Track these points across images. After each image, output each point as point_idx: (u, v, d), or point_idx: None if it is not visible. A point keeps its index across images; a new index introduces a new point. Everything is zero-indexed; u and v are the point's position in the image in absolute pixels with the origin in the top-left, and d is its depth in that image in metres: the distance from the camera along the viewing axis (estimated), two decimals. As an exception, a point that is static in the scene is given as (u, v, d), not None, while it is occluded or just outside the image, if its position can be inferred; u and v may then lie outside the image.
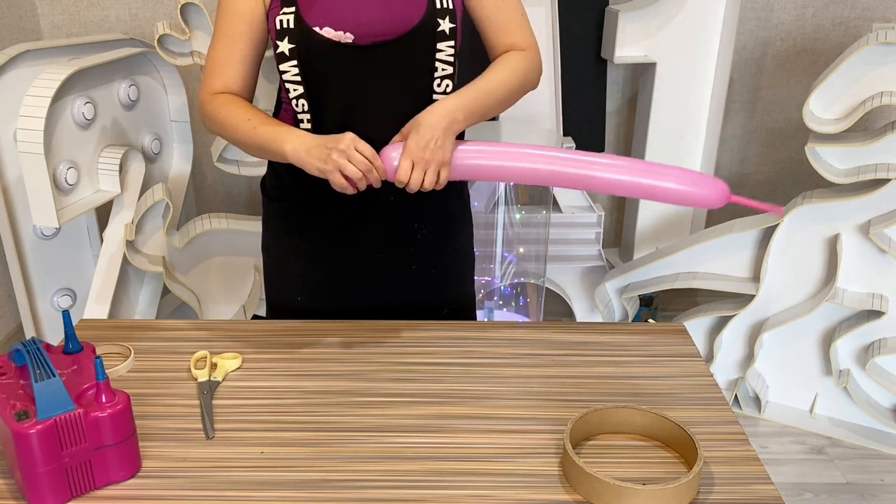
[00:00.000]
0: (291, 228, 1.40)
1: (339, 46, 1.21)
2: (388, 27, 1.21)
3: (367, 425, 1.07)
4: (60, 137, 1.90)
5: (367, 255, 1.38)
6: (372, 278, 1.40)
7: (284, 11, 1.22)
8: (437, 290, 1.45)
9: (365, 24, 1.21)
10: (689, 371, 1.21)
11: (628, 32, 2.44)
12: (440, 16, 1.22)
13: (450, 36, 1.23)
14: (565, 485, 0.96)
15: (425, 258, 1.41)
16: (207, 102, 1.26)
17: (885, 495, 2.06)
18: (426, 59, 1.24)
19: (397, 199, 1.33)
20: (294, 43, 1.22)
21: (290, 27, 1.21)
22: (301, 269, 1.42)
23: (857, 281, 2.17)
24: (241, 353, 1.24)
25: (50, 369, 0.92)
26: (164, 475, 0.98)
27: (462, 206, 1.46)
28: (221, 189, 2.85)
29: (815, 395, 2.35)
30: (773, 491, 0.96)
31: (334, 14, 1.21)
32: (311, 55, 1.22)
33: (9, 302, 2.52)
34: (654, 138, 2.57)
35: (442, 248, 1.43)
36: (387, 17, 1.21)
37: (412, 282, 1.42)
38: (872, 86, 2.03)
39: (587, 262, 2.56)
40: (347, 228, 1.36)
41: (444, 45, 1.24)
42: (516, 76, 1.27)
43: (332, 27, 1.21)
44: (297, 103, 1.26)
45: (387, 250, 1.38)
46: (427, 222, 1.39)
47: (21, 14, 2.52)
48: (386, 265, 1.39)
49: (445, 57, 1.25)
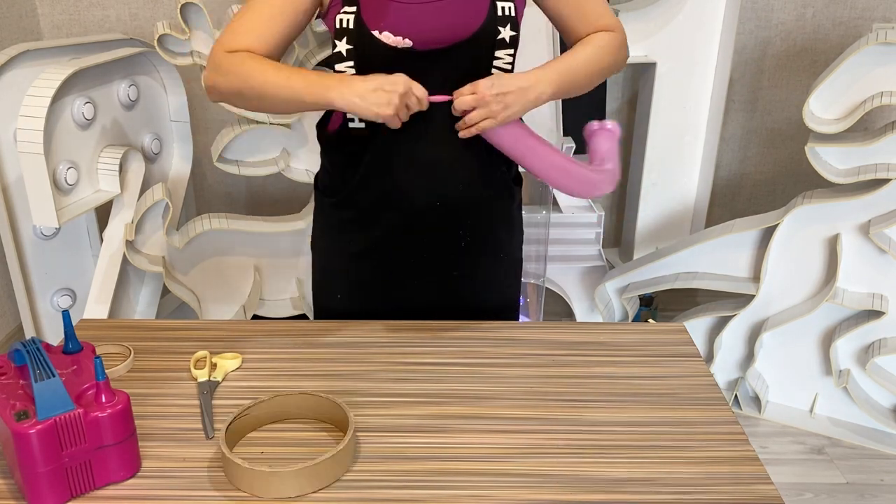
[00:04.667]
0: (338, 225, 1.38)
1: (397, 52, 1.19)
2: (448, 34, 1.19)
3: (367, 425, 1.07)
4: (60, 137, 1.90)
5: (410, 259, 1.36)
6: (413, 282, 1.38)
7: (345, 10, 1.19)
8: (479, 296, 1.42)
9: (426, 30, 1.19)
10: (689, 371, 1.21)
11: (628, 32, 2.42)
12: (501, 23, 1.20)
13: (510, 44, 1.22)
14: (565, 485, 0.96)
15: (467, 264, 1.38)
16: (224, 56, 1.17)
17: (884, 495, 2.06)
18: (484, 67, 1.22)
19: (443, 205, 1.30)
20: (352, 44, 1.19)
21: (349, 27, 1.19)
22: (344, 268, 1.40)
23: (857, 281, 2.17)
24: (242, 353, 1.24)
25: (50, 369, 0.92)
26: (164, 475, 0.98)
27: (508, 212, 1.41)
28: (221, 189, 2.85)
29: (815, 395, 2.35)
30: (773, 491, 0.96)
31: (395, 19, 1.18)
32: (368, 58, 1.20)
33: (9, 302, 2.52)
34: (654, 138, 2.57)
35: (485, 255, 1.39)
36: (448, 23, 1.19)
37: (453, 287, 1.39)
38: (872, 86, 2.03)
39: (587, 262, 2.56)
40: (392, 230, 1.33)
41: (503, 53, 1.22)
42: (604, 53, 1.25)
43: (392, 32, 1.18)
44: None
45: (429, 255, 1.35)
46: (472, 229, 1.35)
47: (21, 14, 2.52)
48: (428, 270, 1.37)
49: (504, 65, 1.23)
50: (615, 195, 2.90)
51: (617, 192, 2.90)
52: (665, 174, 2.63)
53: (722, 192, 2.87)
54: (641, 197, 2.66)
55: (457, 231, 1.35)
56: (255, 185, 2.82)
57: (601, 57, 1.25)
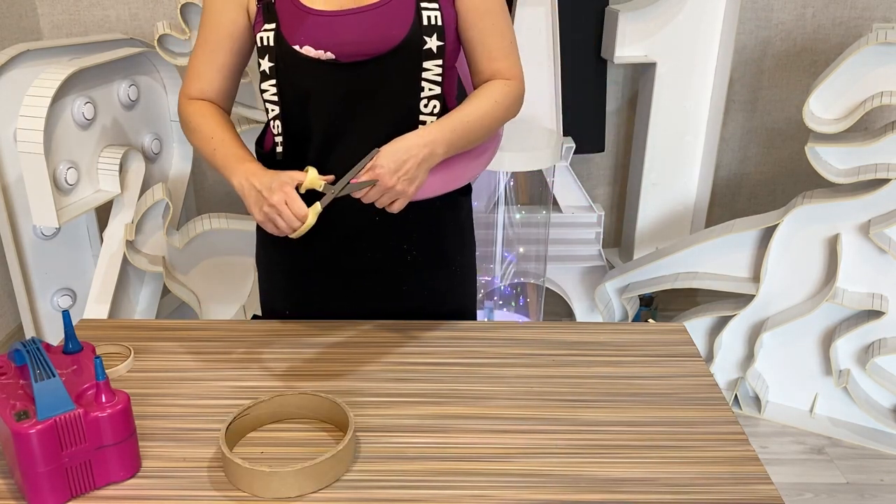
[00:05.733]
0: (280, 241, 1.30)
1: (319, 64, 1.17)
2: (370, 46, 1.17)
3: (367, 425, 1.07)
4: (60, 137, 1.90)
5: (355, 277, 1.34)
6: (361, 296, 1.36)
7: (266, 28, 1.18)
8: (432, 307, 1.39)
9: (346, 42, 1.16)
10: (689, 371, 1.21)
11: (628, 32, 2.44)
12: (427, 33, 1.17)
13: (437, 54, 1.18)
14: (565, 485, 0.96)
15: (417, 278, 1.36)
16: (183, 107, 1.26)
17: (884, 495, 2.06)
18: (411, 78, 1.19)
19: (383, 220, 1.28)
20: (273, 61, 1.18)
21: (269, 45, 1.18)
22: (287, 285, 1.39)
23: (857, 281, 2.17)
24: (241, 353, 1.24)
25: (50, 369, 0.92)
26: (164, 475, 0.98)
27: (457, 222, 1.38)
28: (221, 189, 2.85)
29: (815, 395, 2.35)
30: (773, 491, 0.96)
31: (314, 31, 1.16)
32: (290, 74, 1.18)
33: (9, 302, 2.52)
34: (654, 138, 2.57)
35: (436, 267, 1.37)
36: (370, 34, 1.16)
37: (404, 300, 1.37)
38: (872, 86, 2.03)
39: (587, 262, 2.56)
40: (333, 248, 1.31)
41: (431, 64, 1.18)
42: (500, 108, 1.22)
43: (313, 46, 1.16)
44: (274, 125, 1.22)
45: (376, 271, 1.33)
46: (417, 244, 1.33)
47: (21, 14, 2.52)
48: (375, 285, 1.35)
49: (433, 76, 1.19)
50: (615, 195, 2.90)
51: (617, 192, 2.90)
52: (665, 174, 2.63)
53: (722, 192, 2.87)
54: (641, 197, 2.66)
55: (401, 246, 1.33)
56: (255, 185, 2.82)
57: (496, 113, 1.22)
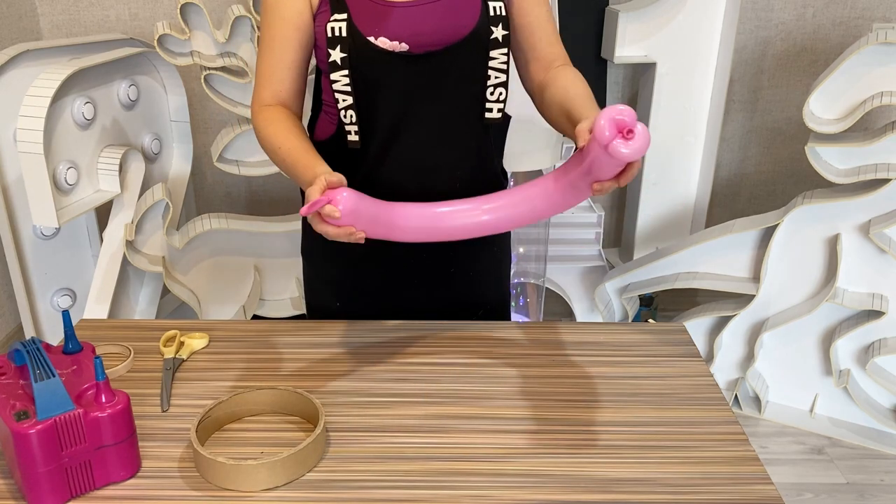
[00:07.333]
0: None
1: (393, 56, 1.19)
2: (443, 36, 1.19)
3: (367, 425, 1.07)
4: (60, 137, 1.90)
5: (406, 262, 1.35)
6: (412, 282, 1.38)
7: (336, 18, 1.18)
8: (473, 291, 1.42)
9: (421, 33, 1.18)
10: (689, 371, 1.21)
11: (628, 32, 2.44)
12: (493, 23, 1.20)
13: (503, 43, 1.21)
14: (565, 485, 0.96)
15: (463, 259, 1.38)
16: (256, 115, 1.23)
17: (884, 495, 2.06)
18: (479, 68, 1.22)
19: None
20: (346, 52, 1.18)
21: (342, 35, 1.18)
22: (338, 275, 1.40)
23: (857, 281, 2.17)
24: (241, 353, 1.24)
25: (50, 369, 0.92)
26: (164, 475, 0.98)
27: None
28: (221, 189, 2.85)
29: (815, 395, 2.35)
30: (773, 491, 0.96)
31: (389, 23, 1.18)
32: (363, 65, 1.19)
33: (9, 302, 2.52)
34: (654, 138, 2.57)
35: (479, 250, 1.39)
36: (442, 25, 1.19)
37: (448, 284, 1.39)
38: (872, 86, 2.03)
39: (587, 262, 2.56)
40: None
41: (498, 53, 1.22)
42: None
43: (388, 37, 1.18)
44: (346, 114, 1.22)
45: (427, 255, 1.35)
46: None
47: (21, 14, 2.52)
48: (425, 271, 1.37)
49: (498, 65, 1.23)
50: (615, 195, 2.90)
51: (617, 191, 2.90)
52: (665, 174, 2.63)
53: (722, 192, 2.87)
54: (641, 197, 2.66)
55: None
56: (255, 185, 2.82)
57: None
